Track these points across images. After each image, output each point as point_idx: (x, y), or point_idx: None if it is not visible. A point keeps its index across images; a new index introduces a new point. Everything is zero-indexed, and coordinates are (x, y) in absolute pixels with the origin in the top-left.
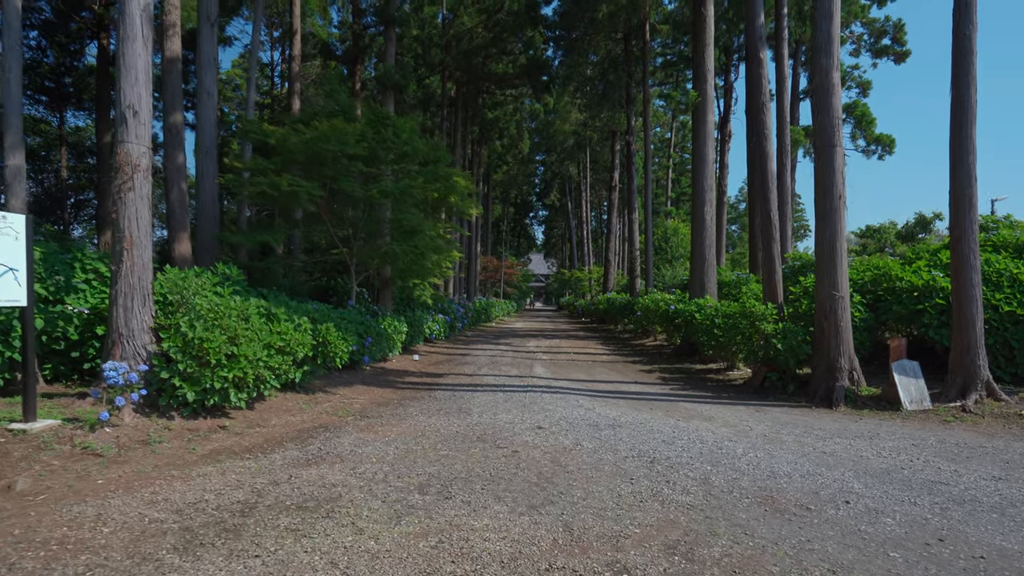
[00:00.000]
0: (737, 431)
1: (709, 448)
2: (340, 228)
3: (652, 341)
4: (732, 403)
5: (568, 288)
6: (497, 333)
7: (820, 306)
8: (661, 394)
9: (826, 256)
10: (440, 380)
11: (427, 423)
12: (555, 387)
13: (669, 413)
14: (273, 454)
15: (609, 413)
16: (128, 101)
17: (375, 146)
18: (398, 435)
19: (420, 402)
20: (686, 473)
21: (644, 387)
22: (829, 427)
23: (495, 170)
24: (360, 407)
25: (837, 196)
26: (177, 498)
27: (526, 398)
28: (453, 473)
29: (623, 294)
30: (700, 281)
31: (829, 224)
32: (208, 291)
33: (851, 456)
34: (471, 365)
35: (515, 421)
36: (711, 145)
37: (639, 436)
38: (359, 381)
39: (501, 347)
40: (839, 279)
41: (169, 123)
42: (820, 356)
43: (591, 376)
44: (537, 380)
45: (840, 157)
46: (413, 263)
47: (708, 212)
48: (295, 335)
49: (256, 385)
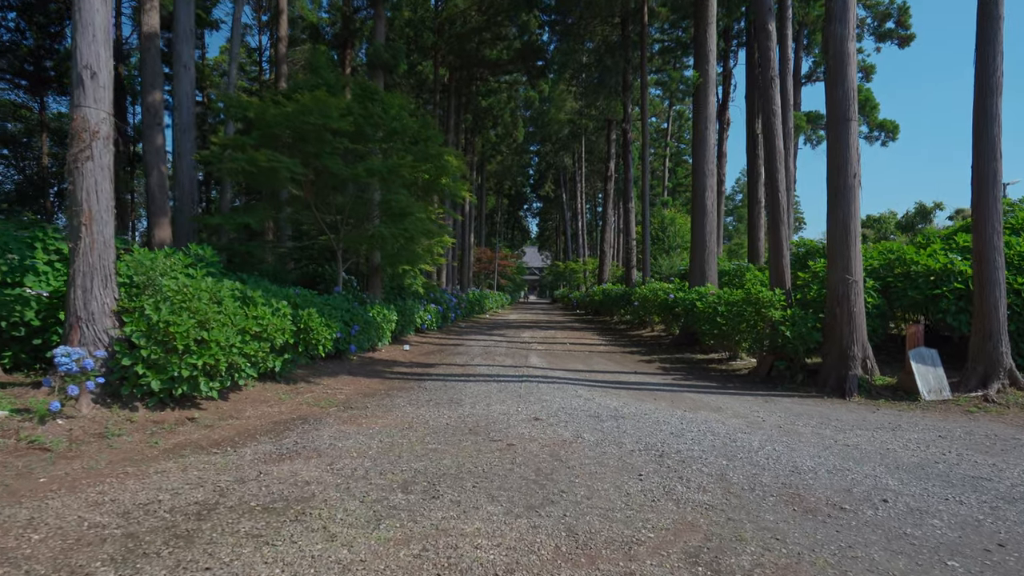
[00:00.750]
0: (749, 422)
1: (722, 440)
2: (326, 211)
3: (650, 332)
4: (739, 393)
5: (563, 280)
6: (491, 324)
7: (832, 291)
8: (663, 384)
9: (839, 238)
10: (431, 370)
11: (415, 414)
12: (552, 377)
13: (674, 403)
14: (243, 448)
15: (610, 403)
16: (85, 61)
17: (362, 122)
18: (383, 427)
19: (409, 393)
20: (700, 468)
21: (645, 377)
22: (846, 418)
23: (489, 160)
24: (344, 398)
25: (851, 174)
26: (127, 499)
27: (521, 388)
28: (442, 469)
29: (619, 285)
30: (701, 269)
31: (842, 204)
32: (179, 273)
33: (877, 449)
34: (464, 355)
35: (510, 412)
36: (713, 128)
37: (645, 428)
38: (345, 371)
39: (495, 338)
40: (852, 263)
41: (148, 102)
42: (831, 344)
43: (589, 366)
44: (533, 370)
45: (855, 132)
46: (403, 248)
47: (709, 197)
48: (273, 320)
49: (230, 373)
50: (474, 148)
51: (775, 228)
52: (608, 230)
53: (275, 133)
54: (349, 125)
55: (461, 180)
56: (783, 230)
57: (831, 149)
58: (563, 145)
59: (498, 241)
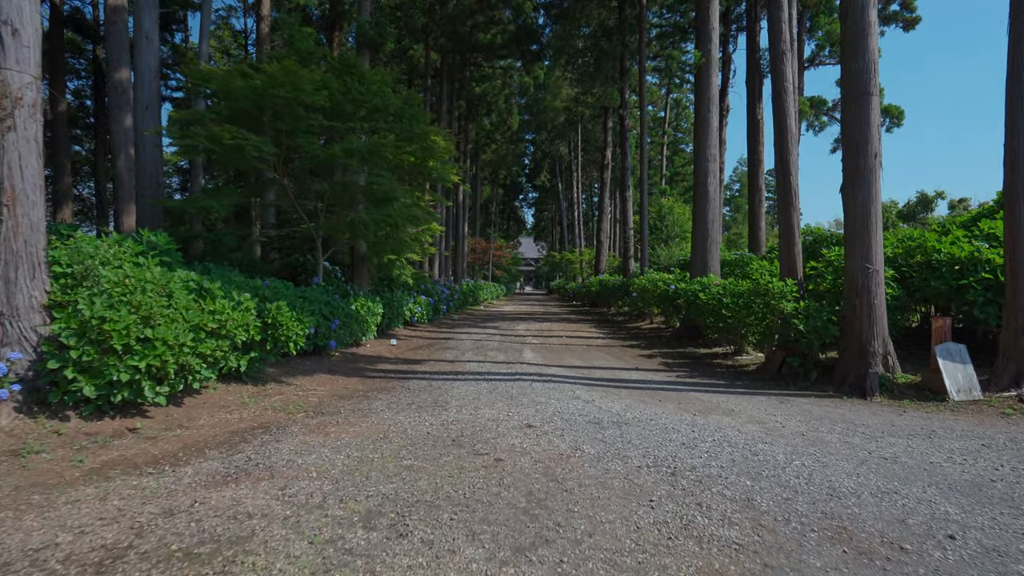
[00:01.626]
0: (767, 429)
1: (741, 453)
2: (305, 196)
3: (648, 324)
4: (750, 393)
5: (559, 271)
6: (485, 316)
7: (850, 281)
8: (667, 382)
9: (858, 223)
10: (417, 368)
11: (393, 421)
12: (547, 375)
13: (682, 406)
14: (185, 467)
15: (612, 407)
16: (4, 16)
17: (340, 98)
18: (354, 437)
19: (390, 394)
20: (721, 491)
21: (647, 374)
22: (872, 423)
23: (483, 149)
24: (317, 400)
25: (872, 154)
26: (15, 542)
27: (514, 388)
28: (415, 494)
29: (616, 276)
30: (703, 259)
31: (862, 186)
32: (127, 261)
33: (919, 463)
34: (454, 350)
35: (500, 418)
36: (715, 110)
37: (652, 437)
38: (323, 369)
39: (488, 331)
40: (873, 250)
41: (114, 80)
42: (849, 338)
43: (586, 362)
44: (527, 367)
45: (876, 107)
46: (388, 236)
47: (712, 183)
48: (233, 315)
49: (182, 376)
50: (468, 135)
51: (786, 214)
52: (604, 220)
53: (244, 109)
54: (324, 100)
55: (450, 163)
56: (794, 216)
57: (849, 127)
58: (559, 134)
59: (493, 231)
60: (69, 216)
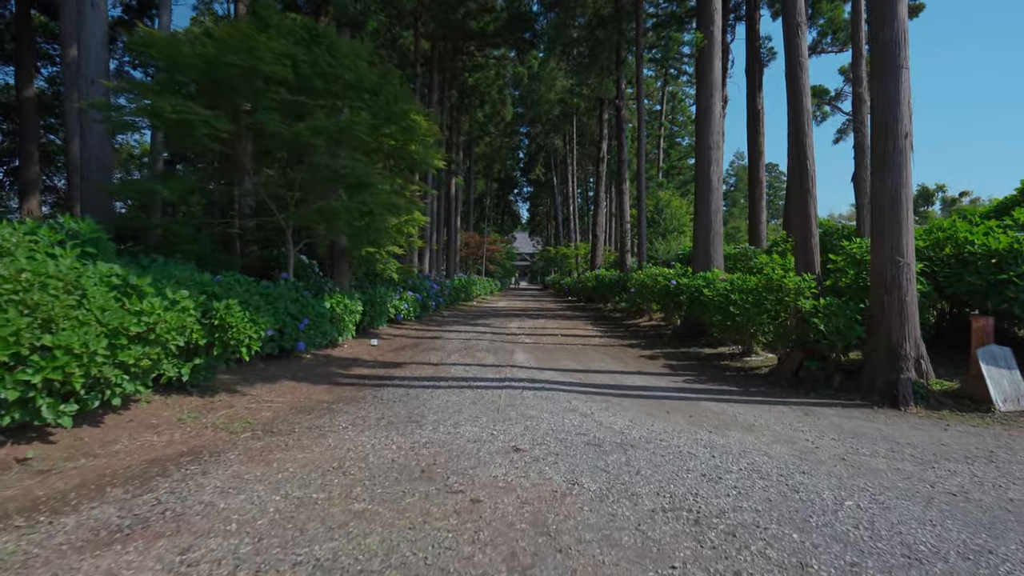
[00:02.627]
0: (799, 452)
1: (777, 488)
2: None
3: (647, 321)
4: (767, 402)
5: (554, 266)
6: (477, 313)
7: (878, 276)
8: (674, 389)
9: (887, 212)
10: (396, 372)
11: (355, 443)
12: (540, 380)
13: (694, 420)
14: (68, 516)
15: (614, 422)
16: None
17: (308, 72)
18: (301, 468)
19: (359, 405)
20: (762, 550)
21: (650, 379)
22: (917, 440)
23: (477, 142)
24: (270, 415)
25: (902, 134)
26: None
27: (502, 398)
28: (360, 559)
29: (613, 270)
30: (705, 252)
31: (892, 170)
32: (41, 252)
33: (996, 501)
34: (440, 351)
35: (483, 437)
36: (719, 96)
37: (665, 465)
38: (288, 375)
39: (479, 328)
40: (904, 241)
41: (67, 58)
42: (877, 340)
43: (583, 364)
44: (518, 371)
45: (907, 82)
46: (367, 227)
47: (715, 172)
48: (165, 316)
49: (97, 391)
50: (460, 127)
51: (802, 201)
52: (600, 214)
53: (193, 78)
54: (288, 72)
55: (435, 148)
56: (811, 204)
57: (877, 105)
58: (553, 127)
59: (487, 226)
60: (36, 207)
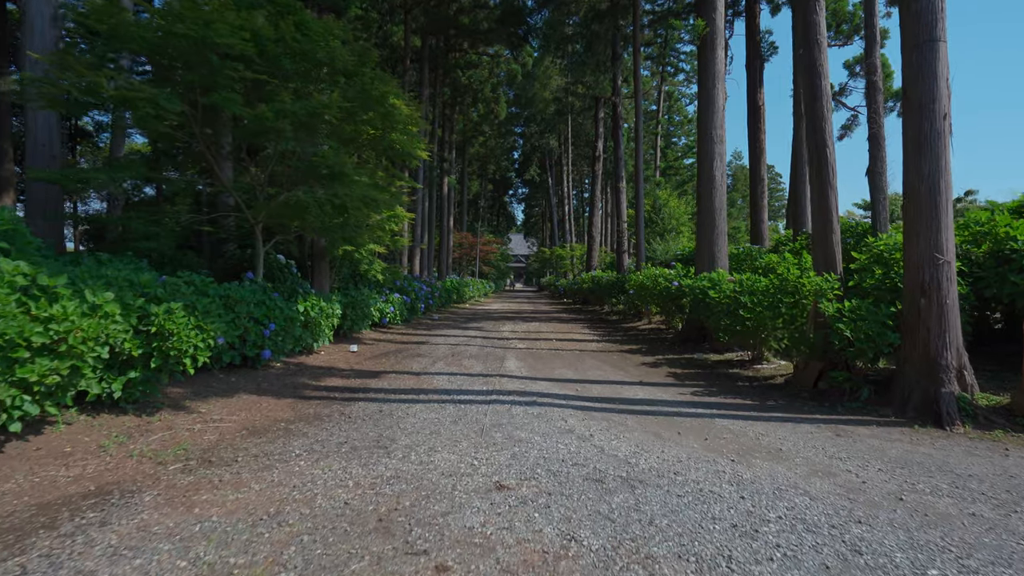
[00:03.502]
0: (844, 488)
1: (831, 547)
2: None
3: (646, 324)
4: (790, 418)
5: (549, 267)
6: (469, 315)
7: (913, 276)
8: (682, 403)
9: (924, 203)
10: (372, 383)
11: (304, 478)
12: (532, 393)
13: (710, 443)
14: None
15: (618, 448)
16: None
17: (273, 48)
18: (228, 515)
19: (322, 425)
20: None
21: (655, 391)
22: (979, 471)
23: (471, 142)
24: (214, 439)
25: (940, 114)
26: None
27: (488, 415)
28: None
29: (609, 272)
30: (709, 252)
31: (929, 156)
32: None
33: None
34: (424, 358)
35: (460, 469)
36: (722, 86)
37: (684, 511)
38: (250, 387)
39: (470, 332)
40: (943, 237)
41: None
42: (912, 348)
43: (580, 373)
44: (508, 381)
45: (945, 57)
46: (344, 223)
47: (719, 167)
48: (81, 323)
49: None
50: (453, 126)
51: (821, 194)
52: (596, 214)
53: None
54: (249, 47)
55: (419, 138)
56: (831, 196)
57: (910, 83)
58: (548, 126)
59: (480, 226)
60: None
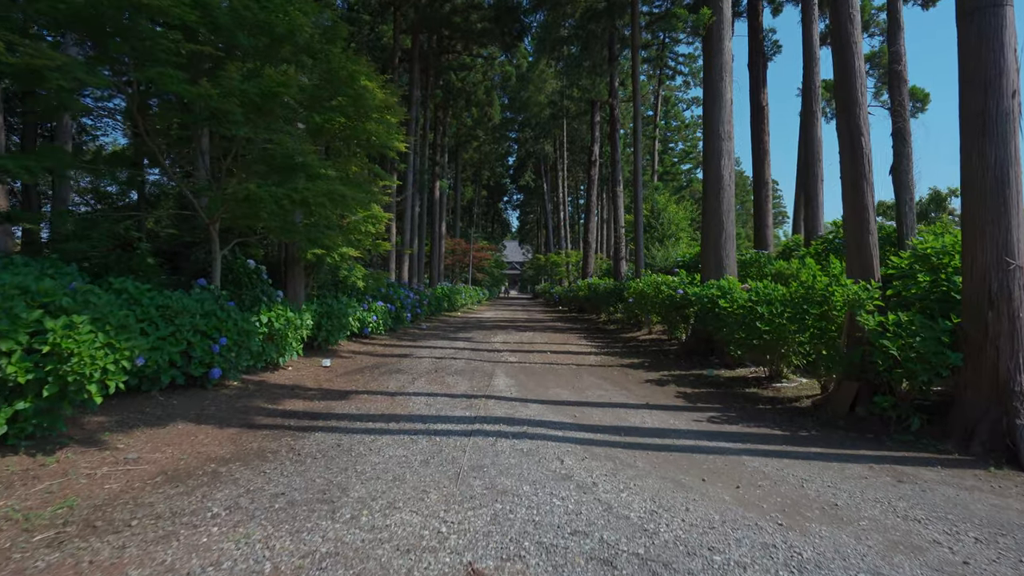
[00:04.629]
0: (943, 573)
1: None
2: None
3: (647, 334)
4: (833, 456)
5: (544, 274)
6: (460, 324)
7: (976, 284)
8: (700, 433)
9: (989, 197)
10: (337, 406)
11: (209, 556)
12: (522, 420)
13: (746, 496)
14: None
15: (629, 504)
16: None
17: (224, 18)
18: None
19: (260, 468)
20: None
21: (665, 416)
22: None
23: (465, 147)
24: (116, 490)
25: (1009, 91)
26: None
27: (467, 453)
28: None
29: (605, 279)
30: (716, 257)
31: (995, 141)
32: None
33: None
34: (404, 374)
35: (423, 540)
36: (729, 78)
37: None
38: (190, 413)
39: (458, 343)
40: (1014, 237)
41: None
42: (978, 370)
43: (578, 393)
44: (495, 404)
45: (1012, 24)
46: (313, 224)
47: (725, 166)
48: None
49: None
50: (446, 128)
51: (856, 189)
52: (592, 220)
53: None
54: (188, 12)
55: (397, 129)
56: (868, 192)
57: (968, 56)
58: (544, 131)
59: (473, 232)
60: None
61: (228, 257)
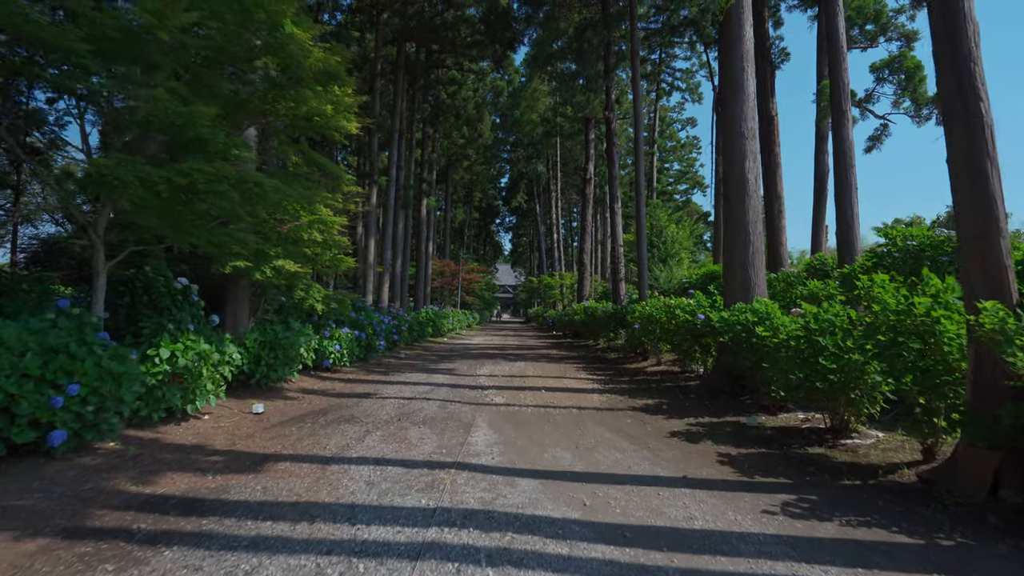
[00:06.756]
0: None
1: None
2: None
3: (654, 365)
4: None
5: (537, 297)
6: (444, 352)
7: None
8: (782, 541)
9: None
10: (234, 488)
11: None
12: (506, 517)
13: None
14: None
15: None
16: None
17: None
18: None
19: None
20: None
21: (717, 505)
22: None
23: (455, 167)
24: None
25: None
26: None
27: None
28: None
29: (603, 302)
30: (742, 275)
31: None
32: None
33: None
34: (354, 425)
35: None
36: (751, 69)
37: None
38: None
39: (436, 378)
40: None
41: None
42: None
43: (585, 457)
44: (468, 481)
45: None
46: (232, 227)
47: (751, 169)
48: None
49: None
50: (434, 143)
51: (978, 175)
52: (587, 240)
53: None
54: None
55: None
56: (993, 176)
57: None
58: (536, 151)
59: (463, 252)
60: None
61: (149, 274)
